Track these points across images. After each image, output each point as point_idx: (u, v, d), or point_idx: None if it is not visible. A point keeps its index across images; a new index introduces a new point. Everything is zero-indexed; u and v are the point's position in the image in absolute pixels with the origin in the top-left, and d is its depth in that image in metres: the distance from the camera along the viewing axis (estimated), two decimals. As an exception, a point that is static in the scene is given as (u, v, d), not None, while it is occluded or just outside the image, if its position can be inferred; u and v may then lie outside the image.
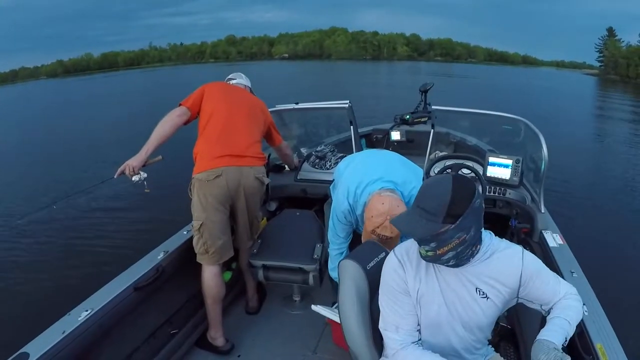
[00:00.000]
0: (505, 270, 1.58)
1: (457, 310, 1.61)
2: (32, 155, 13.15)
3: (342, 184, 2.50)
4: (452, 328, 1.64)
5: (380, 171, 2.33)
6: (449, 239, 1.43)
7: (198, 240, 2.80)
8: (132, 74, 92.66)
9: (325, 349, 2.95)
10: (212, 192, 2.76)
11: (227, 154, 2.81)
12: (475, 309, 1.60)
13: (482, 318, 1.61)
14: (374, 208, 2.07)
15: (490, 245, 1.61)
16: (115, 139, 13.55)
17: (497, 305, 1.60)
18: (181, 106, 2.89)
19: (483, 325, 1.64)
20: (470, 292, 1.59)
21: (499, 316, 1.69)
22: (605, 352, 1.79)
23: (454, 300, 1.60)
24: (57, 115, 24.54)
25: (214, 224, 2.80)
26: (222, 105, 2.96)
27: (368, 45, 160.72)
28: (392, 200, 2.06)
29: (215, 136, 2.85)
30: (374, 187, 2.25)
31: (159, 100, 19.66)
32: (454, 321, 1.63)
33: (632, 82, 63.84)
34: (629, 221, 6.88)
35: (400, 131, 5.04)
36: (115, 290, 2.41)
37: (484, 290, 1.58)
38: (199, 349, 2.99)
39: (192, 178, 2.81)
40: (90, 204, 7.48)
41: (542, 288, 1.59)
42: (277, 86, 27.94)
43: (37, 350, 1.92)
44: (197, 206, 2.78)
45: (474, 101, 19.87)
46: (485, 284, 1.58)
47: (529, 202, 3.19)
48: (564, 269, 2.44)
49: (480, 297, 1.59)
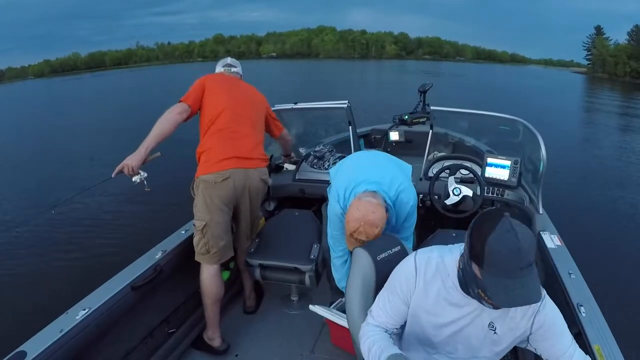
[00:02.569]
0: (523, 310, 1.51)
1: (466, 340, 1.61)
2: (23, 155, 13.02)
3: (333, 188, 2.52)
4: (455, 353, 1.66)
5: (366, 173, 2.35)
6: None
7: (199, 240, 2.76)
8: (119, 73, 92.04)
9: (323, 348, 2.94)
10: (219, 193, 2.73)
11: (234, 156, 2.77)
12: (482, 341, 1.58)
13: (486, 352, 1.61)
14: (349, 214, 2.09)
15: None
16: (105, 136, 13.47)
17: (503, 343, 1.58)
18: (182, 103, 2.80)
19: (488, 357, 1.64)
20: (483, 325, 1.56)
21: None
22: (603, 353, 1.80)
23: (466, 330, 1.59)
24: (46, 115, 24.32)
25: (218, 225, 2.77)
26: (227, 102, 2.90)
27: (356, 44, 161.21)
28: (367, 206, 2.06)
29: (222, 137, 2.81)
30: (358, 190, 2.26)
31: (148, 99, 19.56)
32: (461, 347, 1.63)
33: (620, 80, 64.52)
34: (626, 222, 6.92)
35: (399, 131, 5.04)
36: (112, 289, 2.39)
37: (497, 325, 1.55)
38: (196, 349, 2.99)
39: (195, 178, 2.78)
40: (88, 201, 7.42)
41: (553, 342, 1.53)
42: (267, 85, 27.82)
43: (34, 349, 1.92)
44: (201, 206, 2.74)
45: (463, 100, 19.91)
46: (499, 321, 1.54)
47: (527, 203, 3.20)
48: (562, 270, 2.45)
49: (491, 331, 1.56)
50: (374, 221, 2.00)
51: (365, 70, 63.86)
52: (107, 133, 15.22)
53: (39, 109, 28.64)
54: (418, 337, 1.72)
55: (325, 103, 3.90)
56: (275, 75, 48.26)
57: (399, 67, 75.09)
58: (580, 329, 1.97)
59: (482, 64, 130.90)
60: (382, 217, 2.03)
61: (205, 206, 2.73)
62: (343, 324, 2.39)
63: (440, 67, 79.89)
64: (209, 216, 2.73)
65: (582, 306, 2.10)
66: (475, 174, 3.22)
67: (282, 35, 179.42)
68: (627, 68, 70.80)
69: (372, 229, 2.00)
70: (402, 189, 2.32)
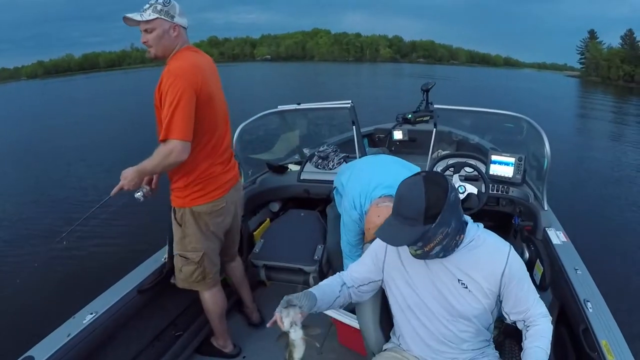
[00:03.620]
0: (488, 265, 1.61)
1: (442, 296, 1.67)
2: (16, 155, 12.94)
3: (346, 195, 2.54)
4: (436, 312, 1.70)
5: (379, 177, 2.38)
6: (433, 237, 1.49)
7: (195, 270, 2.53)
8: (113, 75, 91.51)
9: (331, 348, 2.94)
10: (216, 221, 2.53)
11: (228, 179, 2.55)
12: (457, 297, 1.65)
13: (465, 308, 1.65)
14: (370, 221, 2.13)
15: (477, 237, 1.65)
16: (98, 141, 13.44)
17: (478, 298, 1.63)
18: (185, 142, 2.13)
19: (467, 317, 1.67)
20: (453, 281, 1.64)
21: (498, 315, 1.74)
22: (611, 348, 1.81)
23: (439, 287, 1.67)
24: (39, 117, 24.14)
25: (214, 251, 2.63)
26: (213, 112, 2.37)
27: (351, 47, 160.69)
28: (387, 211, 2.06)
29: (213, 158, 2.42)
30: (374, 195, 2.30)
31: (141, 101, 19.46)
32: (438, 306, 1.69)
33: (613, 83, 64.74)
34: (632, 217, 6.99)
35: (403, 130, 5.08)
36: (119, 293, 2.41)
37: (465, 281, 1.63)
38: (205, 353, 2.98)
39: (178, 208, 2.43)
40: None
41: (519, 295, 1.63)
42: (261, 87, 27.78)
43: (42, 354, 1.93)
44: (196, 237, 2.47)
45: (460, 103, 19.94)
46: (467, 276, 1.63)
47: (531, 199, 3.22)
48: (567, 266, 2.47)
49: (461, 287, 1.64)
50: None
51: (359, 73, 63.72)
52: (100, 134, 15.18)
53: (32, 111, 28.40)
54: (399, 304, 1.81)
55: (328, 103, 3.90)
56: (270, 77, 48.13)
57: (394, 70, 75.02)
58: (588, 325, 1.99)
59: (476, 68, 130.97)
60: None
61: (202, 236, 2.49)
62: (351, 323, 2.42)
63: (435, 70, 79.80)
64: (206, 245, 2.53)
65: (588, 302, 2.11)
66: (479, 172, 3.23)
67: (277, 38, 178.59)
68: (620, 72, 71.06)
69: None
70: None
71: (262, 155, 4.40)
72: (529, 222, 3.19)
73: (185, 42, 2.33)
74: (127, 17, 2.17)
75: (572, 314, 2.23)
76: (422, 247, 1.52)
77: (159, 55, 2.27)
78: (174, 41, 2.26)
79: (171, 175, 2.38)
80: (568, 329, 2.32)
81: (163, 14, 2.18)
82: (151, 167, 2.18)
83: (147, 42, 2.23)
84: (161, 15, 2.18)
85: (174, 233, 2.51)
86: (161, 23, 2.19)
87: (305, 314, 1.59)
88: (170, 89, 2.09)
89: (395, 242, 1.57)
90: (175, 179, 2.37)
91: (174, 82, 2.10)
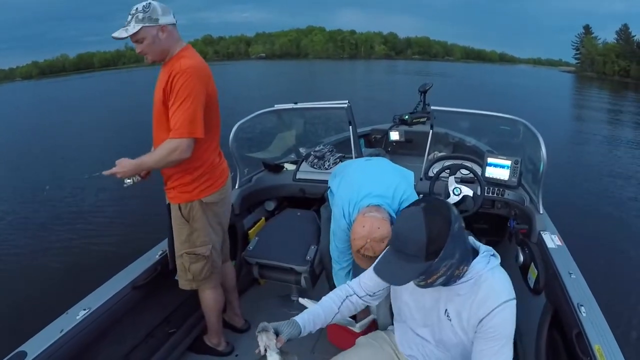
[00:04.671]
0: (475, 305, 1.51)
1: (429, 318, 1.68)
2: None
3: (336, 203, 2.53)
4: (422, 334, 1.74)
5: (368, 186, 2.36)
6: (436, 271, 1.40)
7: (204, 267, 2.52)
8: (108, 75, 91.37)
9: (324, 348, 2.94)
10: (220, 211, 2.56)
11: (225, 167, 2.59)
12: (439, 325, 1.64)
13: (445, 337, 1.64)
14: (355, 231, 2.09)
15: (480, 276, 1.52)
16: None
17: (457, 332, 1.59)
18: (190, 139, 2.16)
19: (447, 346, 1.67)
20: (441, 309, 1.62)
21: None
22: (604, 353, 1.81)
23: (428, 308, 1.67)
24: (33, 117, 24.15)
25: (219, 245, 2.64)
26: (218, 108, 2.45)
27: (345, 44, 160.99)
28: (372, 222, 2.06)
29: (214, 146, 2.47)
30: (362, 204, 2.27)
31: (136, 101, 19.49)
32: (425, 328, 1.72)
33: (608, 79, 64.99)
34: (627, 222, 6.98)
35: (399, 131, 5.07)
36: (113, 289, 2.38)
37: (450, 314, 1.59)
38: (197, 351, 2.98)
39: (187, 202, 2.40)
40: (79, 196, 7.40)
41: (484, 352, 1.51)
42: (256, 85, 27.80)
43: (34, 349, 1.91)
44: (205, 230, 2.46)
45: (456, 103, 19.96)
46: (454, 310, 1.58)
47: (527, 203, 3.21)
48: (562, 270, 2.46)
49: (446, 318, 1.61)
50: (380, 237, 2.01)
51: (354, 70, 63.82)
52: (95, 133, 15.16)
53: (27, 112, 28.38)
54: (397, 311, 1.85)
55: (325, 103, 3.88)
56: (264, 76, 48.17)
57: (389, 67, 75.12)
58: (581, 329, 1.98)
59: (472, 64, 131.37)
60: (387, 232, 2.01)
61: (210, 228, 2.50)
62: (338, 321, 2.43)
63: (430, 67, 79.96)
64: (215, 237, 2.56)
65: (582, 306, 2.11)
66: (475, 174, 3.22)
67: (272, 36, 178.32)
68: (616, 67, 71.53)
69: (379, 244, 2.00)
70: (404, 198, 2.34)
71: (258, 153, 4.39)
72: (524, 225, 3.17)
73: (178, 38, 2.31)
74: (115, 37, 2.18)
75: (566, 318, 2.23)
76: (424, 280, 1.45)
77: (156, 60, 2.27)
78: (166, 42, 2.23)
79: (174, 172, 2.36)
80: (561, 333, 2.31)
81: (146, 20, 2.15)
82: (153, 162, 2.19)
83: (142, 52, 2.23)
84: (145, 23, 2.15)
85: (179, 232, 2.47)
86: (148, 30, 2.16)
87: (283, 341, 1.58)
88: (183, 87, 2.12)
89: (395, 282, 1.48)
90: (178, 176, 2.36)
91: (188, 80, 2.13)
